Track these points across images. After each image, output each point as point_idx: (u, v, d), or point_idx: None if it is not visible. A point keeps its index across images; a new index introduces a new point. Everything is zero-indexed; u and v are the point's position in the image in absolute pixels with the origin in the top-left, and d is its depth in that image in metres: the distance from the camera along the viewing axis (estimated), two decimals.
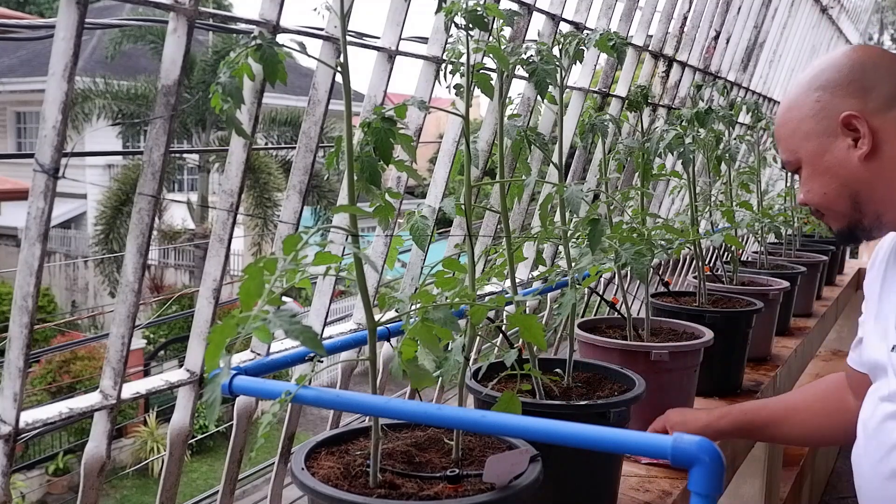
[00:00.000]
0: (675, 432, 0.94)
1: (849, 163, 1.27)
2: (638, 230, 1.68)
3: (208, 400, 0.88)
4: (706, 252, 3.24)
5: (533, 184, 1.74)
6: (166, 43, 1.10)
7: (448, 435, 1.14)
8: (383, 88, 1.45)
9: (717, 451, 0.77)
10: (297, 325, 0.85)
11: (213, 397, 0.87)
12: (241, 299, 0.87)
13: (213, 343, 0.85)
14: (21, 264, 1.01)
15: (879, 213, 1.27)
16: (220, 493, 1.36)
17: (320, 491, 0.96)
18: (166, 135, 1.11)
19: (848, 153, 1.26)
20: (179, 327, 13.11)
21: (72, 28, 0.97)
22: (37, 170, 0.98)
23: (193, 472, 11.16)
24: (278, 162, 15.43)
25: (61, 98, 0.97)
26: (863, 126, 1.25)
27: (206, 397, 0.88)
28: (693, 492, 0.77)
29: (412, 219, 1.13)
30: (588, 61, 2.17)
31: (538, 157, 1.89)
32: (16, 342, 1.03)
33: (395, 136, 0.98)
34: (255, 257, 10.83)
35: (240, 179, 1.23)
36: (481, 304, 1.07)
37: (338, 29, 1.25)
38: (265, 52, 0.95)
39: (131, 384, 1.22)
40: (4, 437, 1.03)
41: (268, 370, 1.25)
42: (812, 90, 1.32)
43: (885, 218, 1.27)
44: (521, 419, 0.86)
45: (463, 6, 1.15)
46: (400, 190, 1.51)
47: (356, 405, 0.95)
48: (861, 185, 1.27)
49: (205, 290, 1.26)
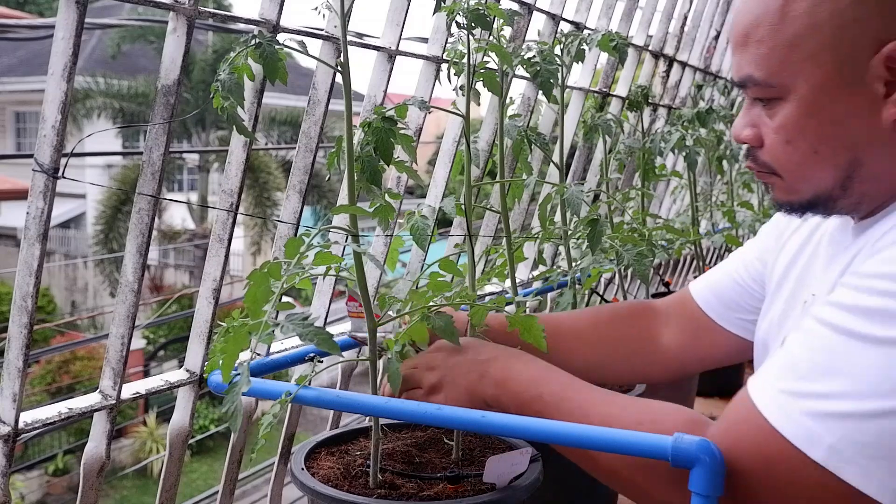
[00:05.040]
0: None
1: (871, 119, 0.84)
2: (639, 230, 1.68)
3: (229, 410, 0.88)
4: (707, 252, 3.23)
5: (533, 184, 1.74)
6: (166, 42, 1.10)
7: (448, 435, 1.14)
8: (383, 88, 1.45)
9: (718, 452, 0.77)
10: (310, 327, 0.86)
11: (234, 406, 0.88)
12: (249, 306, 0.88)
13: (228, 354, 0.86)
14: (20, 264, 1.01)
15: (864, 195, 0.89)
16: (220, 493, 1.36)
17: (320, 491, 0.96)
18: (166, 135, 1.11)
19: (873, 105, 0.84)
20: (179, 327, 13.10)
21: (71, 28, 0.96)
22: (36, 170, 0.98)
23: (193, 472, 11.16)
24: (278, 162, 15.43)
25: (61, 98, 0.97)
26: None
27: (226, 407, 0.88)
28: (693, 492, 0.77)
29: (412, 219, 1.12)
30: (588, 61, 2.17)
31: (538, 157, 1.89)
32: (15, 342, 1.03)
33: (396, 136, 0.98)
34: (255, 257, 10.80)
35: (240, 179, 1.23)
36: (481, 304, 1.07)
37: (338, 29, 1.25)
38: (265, 52, 0.95)
39: (131, 384, 1.22)
40: (4, 437, 1.03)
41: (268, 370, 1.25)
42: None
43: (863, 205, 0.91)
44: (522, 419, 0.86)
45: (464, 5, 1.14)
46: (400, 190, 1.51)
47: (356, 405, 0.95)
48: (870, 155, 0.87)
49: (205, 290, 1.26)
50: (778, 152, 0.90)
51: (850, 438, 0.72)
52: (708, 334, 1.26)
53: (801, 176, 0.90)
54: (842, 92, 0.85)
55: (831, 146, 0.87)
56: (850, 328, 0.75)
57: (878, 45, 0.82)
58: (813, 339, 0.78)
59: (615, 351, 1.29)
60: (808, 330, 0.79)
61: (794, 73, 0.86)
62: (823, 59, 0.84)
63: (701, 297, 1.28)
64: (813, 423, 0.74)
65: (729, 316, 1.25)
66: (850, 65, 0.84)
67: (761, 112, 0.91)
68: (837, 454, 0.73)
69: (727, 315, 1.25)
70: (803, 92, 0.86)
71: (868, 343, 0.73)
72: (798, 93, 0.87)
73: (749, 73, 0.90)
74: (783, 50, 0.86)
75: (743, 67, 0.91)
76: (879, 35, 0.82)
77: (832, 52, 0.84)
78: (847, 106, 0.85)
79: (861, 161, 0.87)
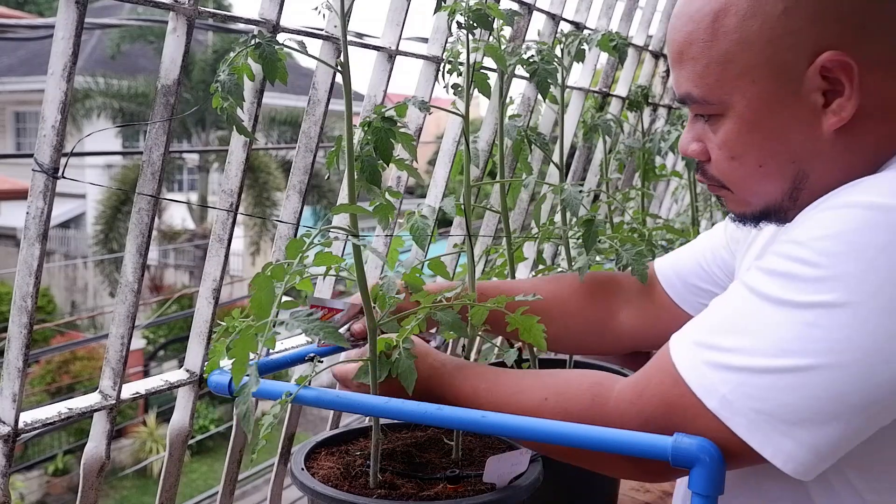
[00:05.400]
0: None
1: (812, 130, 0.83)
2: (639, 230, 1.67)
3: (241, 412, 0.90)
4: None
5: (533, 184, 1.74)
6: (166, 42, 1.10)
7: (448, 435, 1.13)
8: (383, 88, 1.45)
9: (718, 451, 0.77)
10: (315, 322, 0.88)
11: (246, 409, 0.90)
12: (254, 311, 0.89)
13: (238, 358, 0.87)
14: (20, 264, 1.01)
15: (808, 201, 0.83)
16: (220, 493, 1.36)
17: (320, 491, 0.96)
18: (166, 135, 1.11)
19: (813, 116, 0.83)
20: (179, 327, 13.10)
21: (71, 28, 0.96)
22: (36, 170, 0.98)
23: (193, 472, 11.16)
24: (278, 162, 15.44)
25: (60, 98, 0.97)
26: (853, 81, 0.81)
27: (238, 410, 0.90)
28: (693, 492, 0.77)
29: (412, 219, 1.12)
30: (588, 61, 2.17)
31: (538, 157, 1.89)
32: (15, 342, 1.03)
33: (396, 135, 0.98)
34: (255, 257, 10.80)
35: (240, 179, 1.23)
36: (482, 304, 1.07)
37: (338, 29, 1.25)
38: (265, 52, 0.95)
39: (131, 384, 1.22)
40: (4, 437, 1.03)
41: (268, 370, 1.25)
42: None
43: (804, 206, 0.83)
44: (522, 419, 0.86)
45: (464, 5, 1.14)
46: (400, 189, 1.51)
47: (356, 405, 0.95)
48: (815, 166, 0.85)
49: (205, 290, 1.26)
50: (724, 168, 0.90)
51: (741, 391, 0.76)
52: (667, 314, 1.25)
53: (749, 189, 0.90)
54: (780, 105, 0.84)
55: (775, 160, 0.86)
56: (761, 289, 0.78)
57: (812, 56, 0.81)
58: (732, 298, 0.82)
59: (572, 325, 1.27)
60: (731, 290, 0.83)
61: (731, 90, 0.85)
62: (758, 73, 0.83)
63: (664, 277, 1.27)
64: (712, 373, 0.78)
65: (690, 299, 1.25)
66: (785, 78, 0.82)
67: (705, 127, 0.90)
68: (728, 405, 0.76)
69: (689, 298, 1.25)
70: (741, 108, 0.85)
71: (773, 304, 0.76)
72: (737, 109, 0.86)
73: (687, 90, 0.89)
74: (717, 67, 0.85)
75: (681, 85, 0.90)
76: (812, 46, 0.81)
77: (766, 67, 0.83)
78: (787, 119, 0.84)
79: (806, 172, 0.86)
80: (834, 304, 0.73)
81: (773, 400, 0.74)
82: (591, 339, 1.31)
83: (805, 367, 0.73)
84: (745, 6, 0.83)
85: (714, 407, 0.77)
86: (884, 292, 0.71)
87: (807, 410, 0.74)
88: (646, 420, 0.83)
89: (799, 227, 0.79)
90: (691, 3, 0.87)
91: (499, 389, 0.96)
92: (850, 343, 0.72)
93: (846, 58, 0.80)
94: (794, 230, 0.79)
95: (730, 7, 0.84)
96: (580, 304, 1.29)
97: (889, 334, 0.71)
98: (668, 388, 0.81)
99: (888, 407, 0.74)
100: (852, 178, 0.80)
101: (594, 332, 1.29)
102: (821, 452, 0.75)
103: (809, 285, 0.74)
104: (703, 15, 0.85)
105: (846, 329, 0.72)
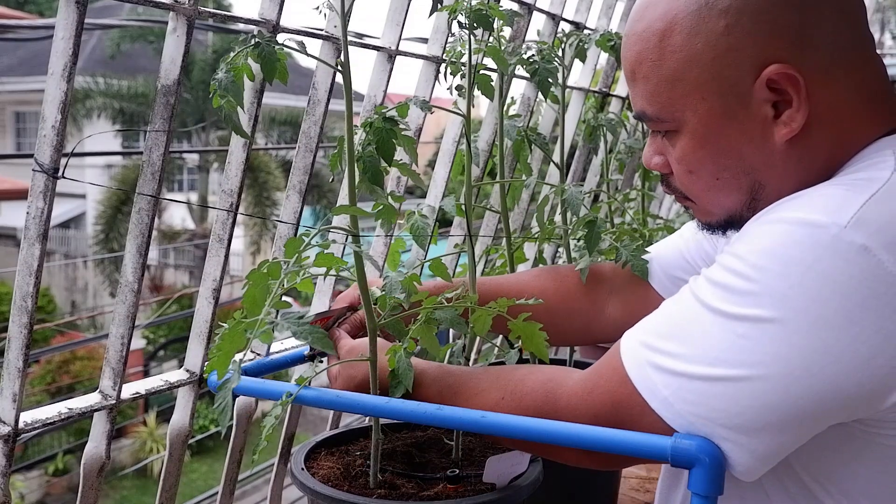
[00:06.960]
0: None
1: (765, 142, 0.84)
2: (639, 230, 1.67)
3: (219, 406, 0.90)
4: None
5: (533, 184, 1.74)
6: (166, 42, 1.10)
7: (448, 435, 1.13)
8: (383, 88, 1.45)
9: (718, 451, 0.77)
10: (304, 326, 0.88)
11: (224, 403, 0.89)
12: (247, 306, 0.89)
13: (223, 352, 0.87)
14: (20, 264, 1.01)
15: (763, 207, 0.84)
16: (220, 493, 1.36)
17: (320, 491, 0.96)
18: (165, 135, 1.11)
19: (764, 128, 0.84)
20: (179, 327, 13.10)
21: (71, 28, 0.96)
22: (36, 170, 0.98)
23: (193, 472, 11.16)
24: (278, 162, 15.44)
25: (61, 98, 0.97)
26: (800, 92, 0.82)
27: (217, 404, 0.90)
28: (693, 492, 0.77)
29: (412, 218, 1.12)
30: (588, 61, 2.17)
31: (539, 157, 1.89)
32: (15, 342, 1.03)
33: (398, 136, 0.98)
34: (255, 257, 10.81)
35: (239, 179, 1.23)
36: (484, 308, 1.07)
37: (338, 28, 1.25)
38: (264, 52, 0.95)
39: (131, 384, 1.22)
40: (4, 437, 1.03)
41: (268, 370, 1.25)
42: (717, 8, 0.83)
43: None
44: (522, 419, 0.86)
45: (466, 5, 1.14)
46: (400, 190, 1.51)
47: (356, 405, 0.95)
48: (770, 177, 0.86)
49: (205, 290, 1.26)
50: (684, 181, 0.92)
51: (679, 395, 0.78)
52: (653, 306, 1.23)
53: (709, 201, 0.92)
54: (731, 120, 0.85)
55: (730, 172, 0.87)
56: (702, 297, 0.80)
57: (757, 70, 0.82)
58: (679, 303, 0.84)
59: (556, 319, 1.26)
60: (680, 294, 0.85)
61: (682, 107, 0.86)
62: (707, 90, 0.84)
63: (649, 268, 1.28)
64: (655, 374, 0.80)
65: (674, 290, 1.23)
66: (733, 93, 0.84)
67: (664, 141, 0.92)
68: (669, 406, 0.79)
69: (672, 289, 1.23)
70: (694, 124, 0.86)
71: (712, 313, 0.78)
72: (690, 125, 0.87)
73: (642, 108, 0.91)
74: (667, 85, 0.86)
75: (636, 102, 0.92)
76: (757, 59, 0.82)
77: (714, 83, 0.84)
78: (738, 132, 0.85)
79: (762, 183, 0.87)
80: (763, 319, 0.75)
81: (708, 405, 0.77)
82: (578, 332, 1.32)
83: (735, 378, 0.75)
84: (688, 25, 0.84)
85: (657, 408, 0.80)
86: (810, 310, 0.73)
87: (739, 417, 0.76)
88: (595, 416, 0.85)
89: (740, 240, 0.81)
90: (639, 21, 0.89)
91: (462, 390, 0.97)
92: (778, 357, 0.74)
93: (791, 70, 0.81)
94: (737, 242, 0.81)
95: (675, 26, 0.85)
96: (567, 301, 1.30)
97: (814, 349, 0.73)
98: (616, 385, 0.84)
99: (817, 417, 0.76)
100: (808, 186, 0.81)
101: (581, 324, 1.30)
102: (760, 456, 0.77)
103: (742, 298, 0.76)
104: (651, 34, 0.87)
105: (774, 343, 0.74)
